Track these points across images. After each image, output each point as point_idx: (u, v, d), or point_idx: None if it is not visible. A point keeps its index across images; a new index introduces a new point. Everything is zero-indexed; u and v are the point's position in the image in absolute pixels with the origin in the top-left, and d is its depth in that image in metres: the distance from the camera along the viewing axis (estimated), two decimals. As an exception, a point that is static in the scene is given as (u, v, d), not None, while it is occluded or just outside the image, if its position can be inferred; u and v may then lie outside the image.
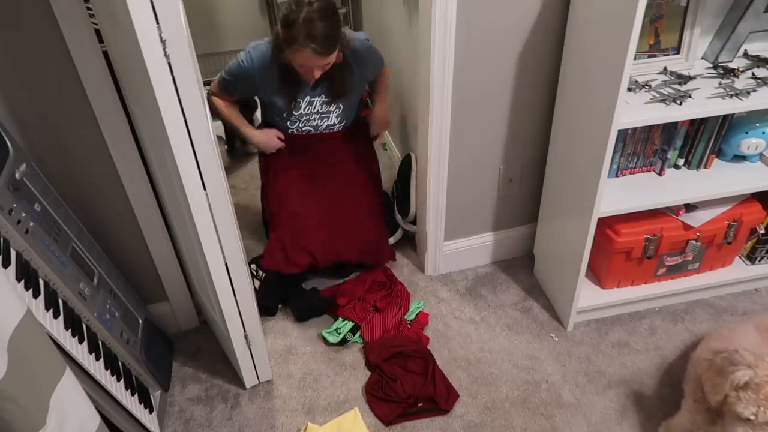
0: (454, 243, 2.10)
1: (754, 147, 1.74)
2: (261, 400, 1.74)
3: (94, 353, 1.36)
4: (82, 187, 1.58)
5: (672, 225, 1.77)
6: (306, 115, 1.94)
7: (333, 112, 1.96)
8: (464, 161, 1.90)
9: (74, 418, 1.09)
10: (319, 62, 1.70)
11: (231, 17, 3.21)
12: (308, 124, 1.96)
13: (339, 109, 1.96)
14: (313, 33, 1.61)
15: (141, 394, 1.55)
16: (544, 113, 1.86)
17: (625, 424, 1.63)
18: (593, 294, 1.91)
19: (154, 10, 1.06)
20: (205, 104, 1.26)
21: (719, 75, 1.66)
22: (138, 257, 1.75)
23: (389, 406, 1.66)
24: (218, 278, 1.46)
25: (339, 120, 1.99)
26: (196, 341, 1.93)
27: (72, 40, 1.36)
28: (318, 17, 1.61)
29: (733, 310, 1.95)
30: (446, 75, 1.69)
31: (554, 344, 1.86)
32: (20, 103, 1.41)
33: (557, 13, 1.66)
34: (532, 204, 2.06)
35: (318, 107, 1.93)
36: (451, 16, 1.58)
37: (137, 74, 1.19)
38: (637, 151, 1.73)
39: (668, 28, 1.64)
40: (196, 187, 1.29)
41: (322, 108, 1.94)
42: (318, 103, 1.93)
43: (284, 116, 1.95)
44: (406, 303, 1.98)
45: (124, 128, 1.52)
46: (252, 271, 2.07)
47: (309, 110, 1.93)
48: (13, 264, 1.17)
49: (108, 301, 1.52)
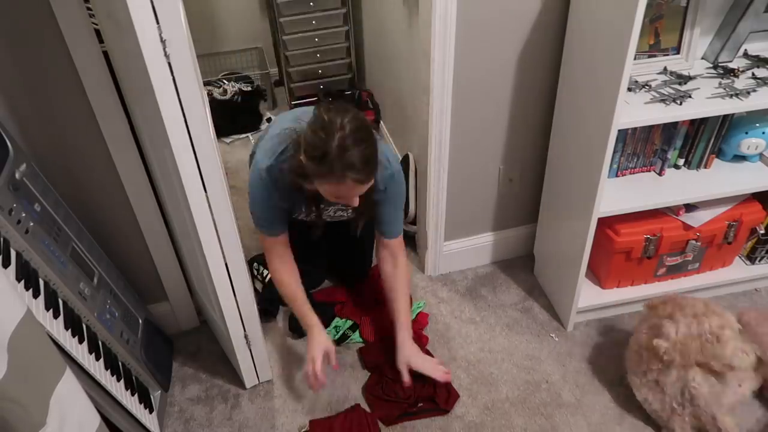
0: (454, 243, 2.10)
1: (754, 147, 1.74)
2: (261, 400, 1.74)
3: (94, 353, 1.36)
4: (82, 187, 1.58)
5: (672, 225, 1.77)
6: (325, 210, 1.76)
7: (345, 216, 1.80)
8: (464, 161, 1.90)
9: (74, 418, 1.09)
10: (361, 190, 1.44)
11: (231, 17, 3.21)
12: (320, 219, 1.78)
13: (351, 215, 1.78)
14: (352, 162, 1.34)
15: (141, 394, 1.55)
16: (544, 113, 1.86)
17: (625, 424, 1.63)
18: (593, 294, 1.91)
19: (154, 10, 1.06)
20: (205, 104, 1.26)
21: (719, 75, 1.66)
22: (138, 257, 1.75)
23: (389, 406, 1.66)
24: (218, 278, 1.46)
25: (349, 216, 1.82)
26: (196, 341, 1.93)
27: (72, 40, 1.36)
28: (353, 143, 1.33)
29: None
30: (446, 75, 1.69)
31: (554, 344, 1.86)
32: (20, 103, 1.41)
33: (557, 13, 1.66)
34: (532, 204, 2.06)
35: (331, 213, 1.78)
36: (451, 16, 1.58)
37: (137, 74, 1.19)
38: (637, 151, 1.73)
39: (668, 28, 1.64)
40: (196, 187, 1.29)
41: (335, 214, 1.78)
42: (332, 210, 1.77)
43: (295, 216, 1.75)
44: None
45: (124, 128, 1.52)
46: (253, 271, 2.07)
47: (324, 214, 1.76)
48: (13, 264, 1.17)
49: (108, 301, 1.52)
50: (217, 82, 3.09)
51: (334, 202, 1.55)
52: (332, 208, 1.74)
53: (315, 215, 1.68)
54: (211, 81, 3.10)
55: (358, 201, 1.47)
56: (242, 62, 3.31)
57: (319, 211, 1.68)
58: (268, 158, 1.53)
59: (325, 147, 1.33)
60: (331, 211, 1.76)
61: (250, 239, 2.34)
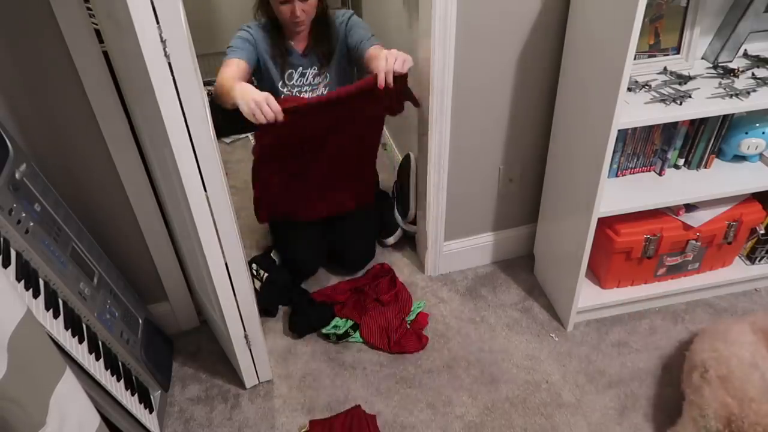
0: (454, 243, 2.10)
1: (754, 147, 1.74)
2: (261, 400, 1.74)
3: (94, 353, 1.36)
4: (82, 187, 1.58)
5: (672, 225, 1.77)
6: (298, 86, 1.96)
7: (321, 83, 1.98)
8: (464, 161, 1.90)
9: (74, 418, 1.09)
10: (302, 6, 1.75)
11: (231, 17, 3.21)
12: (301, 95, 1.98)
13: (326, 78, 1.97)
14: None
15: (141, 394, 1.55)
16: (544, 113, 1.86)
17: (625, 424, 1.63)
18: (593, 294, 1.91)
19: (155, 10, 1.06)
20: (205, 104, 1.26)
21: (719, 75, 1.66)
22: (138, 257, 1.75)
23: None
24: (218, 278, 1.46)
25: (327, 92, 1.99)
26: (196, 341, 1.93)
27: (72, 40, 1.36)
28: None
29: (733, 310, 1.95)
30: (446, 75, 1.69)
31: (554, 344, 1.86)
32: (20, 103, 1.41)
33: (557, 13, 1.66)
34: (532, 204, 2.06)
35: (310, 79, 1.96)
36: (451, 16, 1.58)
37: (137, 74, 1.19)
38: (637, 151, 1.73)
39: (668, 28, 1.64)
40: (196, 187, 1.29)
41: (314, 80, 1.97)
42: (310, 75, 1.96)
43: (279, 86, 1.95)
44: (408, 304, 1.98)
45: (124, 128, 1.52)
46: (252, 271, 2.07)
47: (302, 81, 1.96)
48: (13, 264, 1.17)
49: (108, 301, 1.52)
50: (217, 82, 3.08)
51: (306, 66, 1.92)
52: (308, 72, 1.94)
53: (286, 76, 1.92)
54: (211, 81, 3.09)
55: (302, 15, 1.78)
56: (242, 62, 3.31)
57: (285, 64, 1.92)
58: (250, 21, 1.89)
59: None
60: (309, 77, 1.95)
61: (250, 239, 2.34)
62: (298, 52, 1.93)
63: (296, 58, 1.93)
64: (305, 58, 1.94)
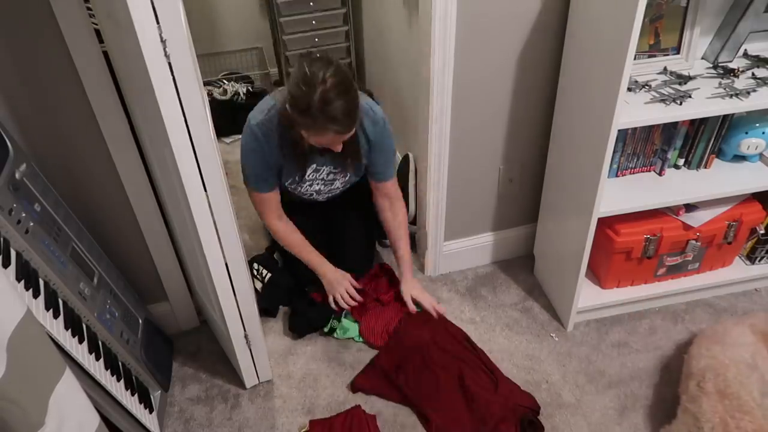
0: (454, 243, 2.10)
1: (754, 147, 1.74)
2: (261, 400, 1.74)
3: (94, 353, 1.36)
4: (82, 187, 1.58)
5: (672, 225, 1.77)
6: (309, 181, 1.83)
7: (338, 180, 1.86)
8: (464, 161, 1.90)
9: (74, 418, 1.09)
10: (343, 139, 1.57)
11: (231, 17, 3.21)
12: (311, 188, 1.86)
13: (345, 177, 1.86)
14: (334, 115, 1.44)
15: (141, 394, 1.55)
16: (544, 113, 1.86)
17: (625, 424, 1.63)
18: (593, 294, 1.91)
19: (155, 10, 1.06)
20: (205, 104, 1.26)
21: (719, 75, 1.66)
22: (138, 257, 1.75)
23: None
24: (218, 278, 1.46)
25: (343, 186, 1.91)
26: (196, 341, 1.93)
27: (72, 40, 1.36)
28: (335, 96, 1.42)
29: (733, 310, 1.95)
30: (446, 75, 1.69)
31: (554, 344, 1.86)
32: (20, 103, 1.41)
33: (557, 13, 1.66)
34: (532, 204, 2.06)
35: (324, 175, 1.83)
36: (450, 16, 1.58)
37: (137, 74, 1.19)
38: (637, 151, 1.73)
39: (668, 28, 1.64)
40: (196, 187, 1.29)
41: (328, 177, 1.83)
42: (325, 172, 1.82)
43: (289, 182, 1.83)
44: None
45: (124, 128, 1.52)
46: (253, 271, 2.07)
47: (314, 176, 1.82)
48: (13, 264, 1.17)
49: (108, 301, 1.52)
50: (217, 82, 3.09)
51: (322, 164, 1.76)
52: (324, 169, 1.80)
53: (302, 175, 1.78)
54: (211, 81, 3.10)
55: (341, 147, 1.59)
56: (242, 62, 3.31)
57: (305, 164, 1.75)
58: (258, 114, 1.64)
59: (308, 100, 1.42)
60: (323, 173, 1.82)
61: (250, 239, 2.34)
62: (317, 151, 1.72)
63: (313, 155, 1.74)
64: (323, 156, 1.75)
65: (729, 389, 1.42)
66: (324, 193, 1.90)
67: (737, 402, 1.40)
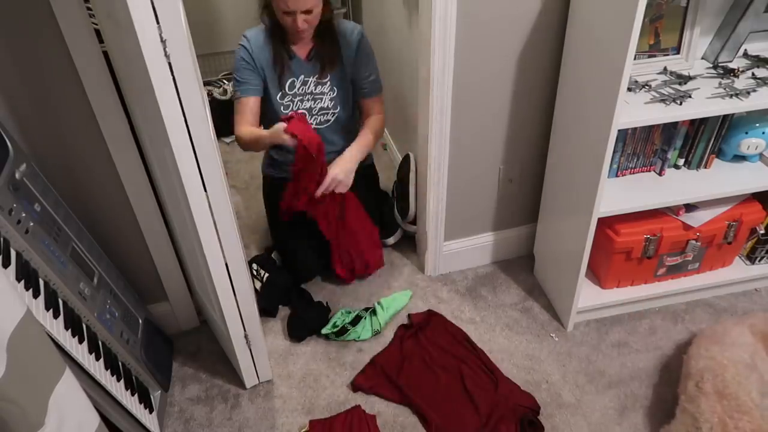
0: (454, 243, 2.10)
1: (754, 147, 1.74)
2: (261, 400, 1.74)
3: (94, 353, 1.36)
4: (82, 187, 1.58)
5: (672, 225, 1.77)
6: (300, 95, 1.96)
7: (326, 94, 1.97)
8: (464, 161, 1.90)
9: (73, 418, 1.09)
10: (301, 4, 1.72)
11: (231, 17, 3.22)
12: (302, 105, 1.97)
13: (333, 92, 1.96)
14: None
15: (141, 394, 1.55)
16: (544, 113, 1.86)
17: (625, 424, 1.63)
18: (593, 294, 1.91)
19: (155, 10, 1.06)
20: (205, 104, 1.26)
21: (719, 75, 1.66)
22: (138, 257, 1.75)
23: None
24: (218, 278, 1.46)
25: (332, 104, 1.98)
26: (196, 341, 1.93)
27: (72, 40, 1.36)
28: None
29: (733, 310, 1.95)
30: (446, 75, 1.69)
31: (554, 344, 1.86)
32: (20, 103, 1.41)
33: (557, 14, 1.66)
34: (532, 204, 2.06)
35: (312, 87, 1.95)
36: (451, 16, 1.58)
37: (137, 74, 1.19)
38: (637, 151, 1.73)
39: (668, 28, 1.64)
40: (196, 187, 1.29)
41: (315, 89, 1.96)
42: (312, 83, 1.94)
43: (278, 98, 1.94)
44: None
45: (124, 128, 1.52)
46: (252, 272, 2.07)
47: (303, 90, 1.95)
48: (13, 264, 1.17)
49: (108, 301, 1.52)
50: (217, 82, 3.09)
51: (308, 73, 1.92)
52: (309, 81, 1.94)
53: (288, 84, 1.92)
54: (211, 81, 3.11)
55: (303, 24, 1.75)
56: (242, 62, 3.31)
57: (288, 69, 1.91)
58: (251, 29, 1.90)
59: None
60: (310, 86, 1.95)
61: (250, 239, 2.34)
62: (300, 57, 1.92)
63: (298, 64, 1.92)
64: (308, 63, 1.92)
65: (727, 389, 1.43)
66: (315, 111, 1.98)
67: (736, 402, 1.40)
